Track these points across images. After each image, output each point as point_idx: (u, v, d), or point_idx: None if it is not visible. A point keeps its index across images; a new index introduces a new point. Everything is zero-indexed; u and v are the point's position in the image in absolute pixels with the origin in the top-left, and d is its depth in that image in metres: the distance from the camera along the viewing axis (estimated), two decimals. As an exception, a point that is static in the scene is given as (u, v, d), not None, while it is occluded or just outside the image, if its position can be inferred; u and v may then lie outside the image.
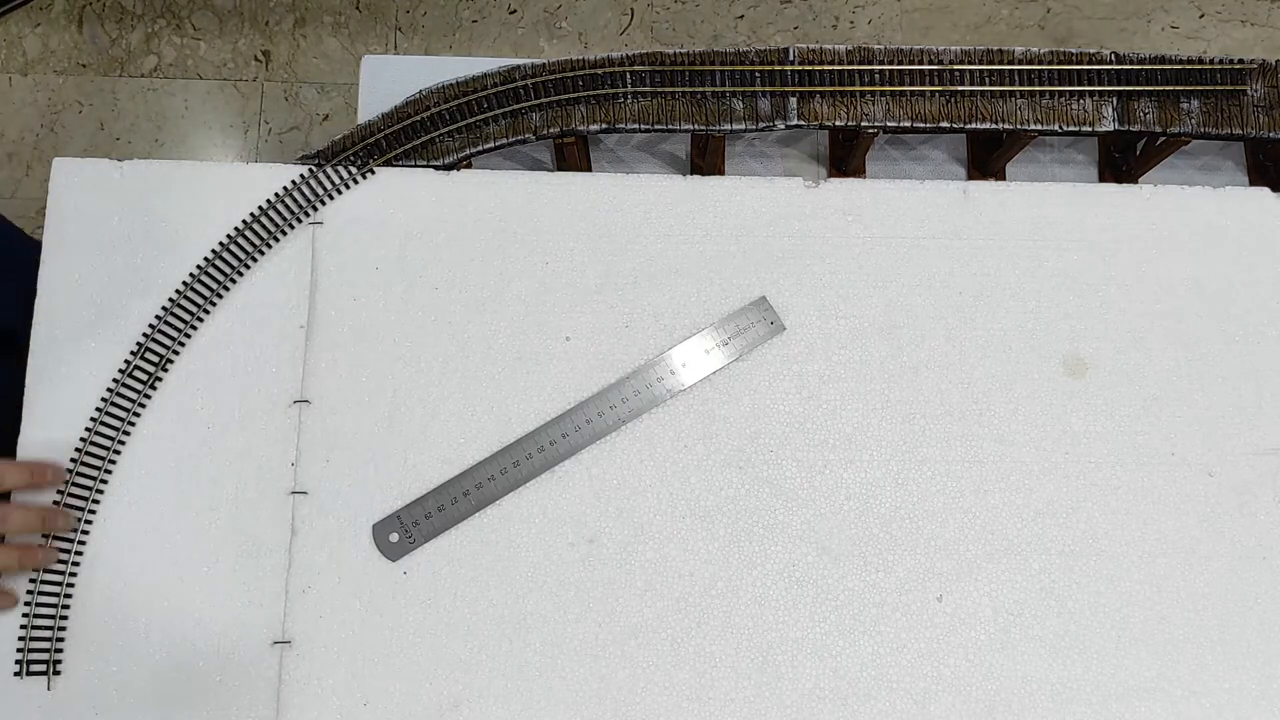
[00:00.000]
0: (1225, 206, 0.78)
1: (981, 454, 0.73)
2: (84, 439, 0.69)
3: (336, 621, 0.68)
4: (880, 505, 0.72)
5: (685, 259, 0.75)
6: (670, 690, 0.68)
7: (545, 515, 0.71)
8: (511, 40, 1.69)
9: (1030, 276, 0.76)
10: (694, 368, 0.73)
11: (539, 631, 0.69)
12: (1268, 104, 0.80)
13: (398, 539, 0.69)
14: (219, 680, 0.67)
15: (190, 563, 0.69)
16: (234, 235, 0.73)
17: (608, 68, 0.77)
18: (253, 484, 0.70)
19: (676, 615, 0.69)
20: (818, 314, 0.75)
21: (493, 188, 0.76)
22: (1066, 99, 0.79)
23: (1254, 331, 0.76)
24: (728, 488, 0.72)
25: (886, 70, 0.78)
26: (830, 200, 0.77)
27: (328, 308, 0.73)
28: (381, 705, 0.67)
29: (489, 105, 0.76)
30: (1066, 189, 0.79)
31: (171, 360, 0.71)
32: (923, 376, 0.74)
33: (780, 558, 0.71)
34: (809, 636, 0.69)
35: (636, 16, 1.70)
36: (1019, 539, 0.72)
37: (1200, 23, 1.72)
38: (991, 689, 0.69)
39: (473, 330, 0.73)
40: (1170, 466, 0.73)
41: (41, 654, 0.66)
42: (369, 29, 1.68)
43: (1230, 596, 0.71)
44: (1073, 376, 0.75)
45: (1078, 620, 0.70)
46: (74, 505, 0.69)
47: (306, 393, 0.72)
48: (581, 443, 0.71)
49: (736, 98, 0.78)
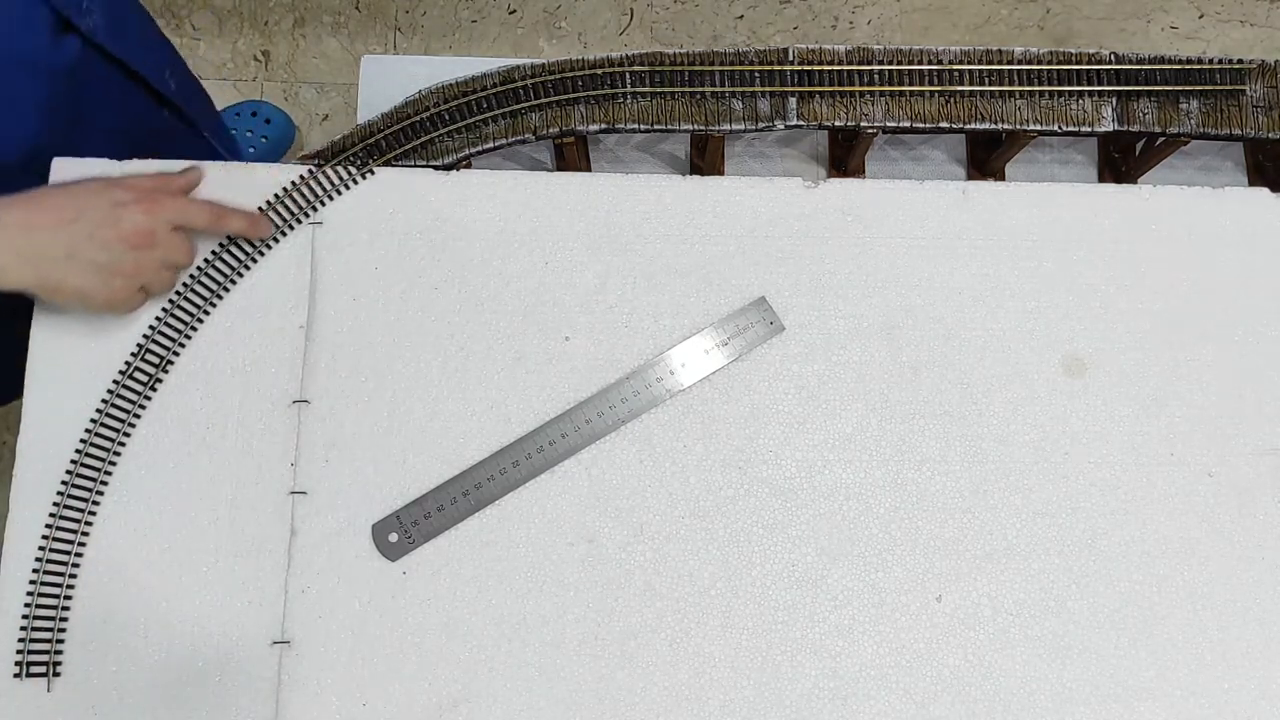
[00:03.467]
0: (1225, 207, 0.78)
1: (981, 454, 0.73)
2: (84, 439, 0.69)
3: (336, 621, 0.68)
4: (879, 505, 0.72)
5: (685, 259, 0.75)
6: (669, 690, 0.68)
7: (544, 515, 0.71)
8: (511, 40, 1.69)
9: (1029, 277, 0.76)
10: (693, 368, 0.73)
11: (538, 631, 0.69)
12: (1267, 104, 0.80)
13: (397, 539, 0.69)
14: (218, 680, 0.67)
15: (189, 562, 0.69)
16: (234, 237, 0.73)
17: (607, 68, 0.77)
18: (252, 484, 0.70)
19: (676, 615, 0.69)
20: (817, 314, 0.75)
21: (492, 188, 0.76)
22: (1066, 99, 0.79)
23: (1254, 331, 0.76)
24: (727, 488, 0.72)
25: (886, 70, 0.78)
26: (830, 200, 0.77)
27: (327, 308, 0.73)
28: (380, 705, 0.67)
29: (488, 105, 0.76)
30: (1066, 189, 0.79)
31: (172, 361, 0.71)
32: (922, 377, 0.74)
33: (779, 558, 0.71)
34: (808, 636, 0.69)
35: (636, 17, 1.70)
36: (1018, 539, 0.72)
37: (1200, 23, 1.72)
38: (990, 689, 0.69)
39: (472, 330, 0.73)
40: (1170, 467, 0.73)
41: (41, 655, 0.66)
42: (368, 29, 1.68)
43: (1230, 597, 0.71)
44: (1072, 377, 0.75)
45: (1077, 620, 0.70)
46: (75, 506, 0.68)
47: (306, 393, 0.72)
48: (581, 443, 0.71)
49: (736, 98, 0.78)
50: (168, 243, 0.68)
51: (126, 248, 0.66)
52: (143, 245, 0.66)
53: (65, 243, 0.64)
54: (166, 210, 0.67)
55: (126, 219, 0.65)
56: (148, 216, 0.66)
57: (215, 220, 0.70)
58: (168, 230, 0.67)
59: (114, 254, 0.65)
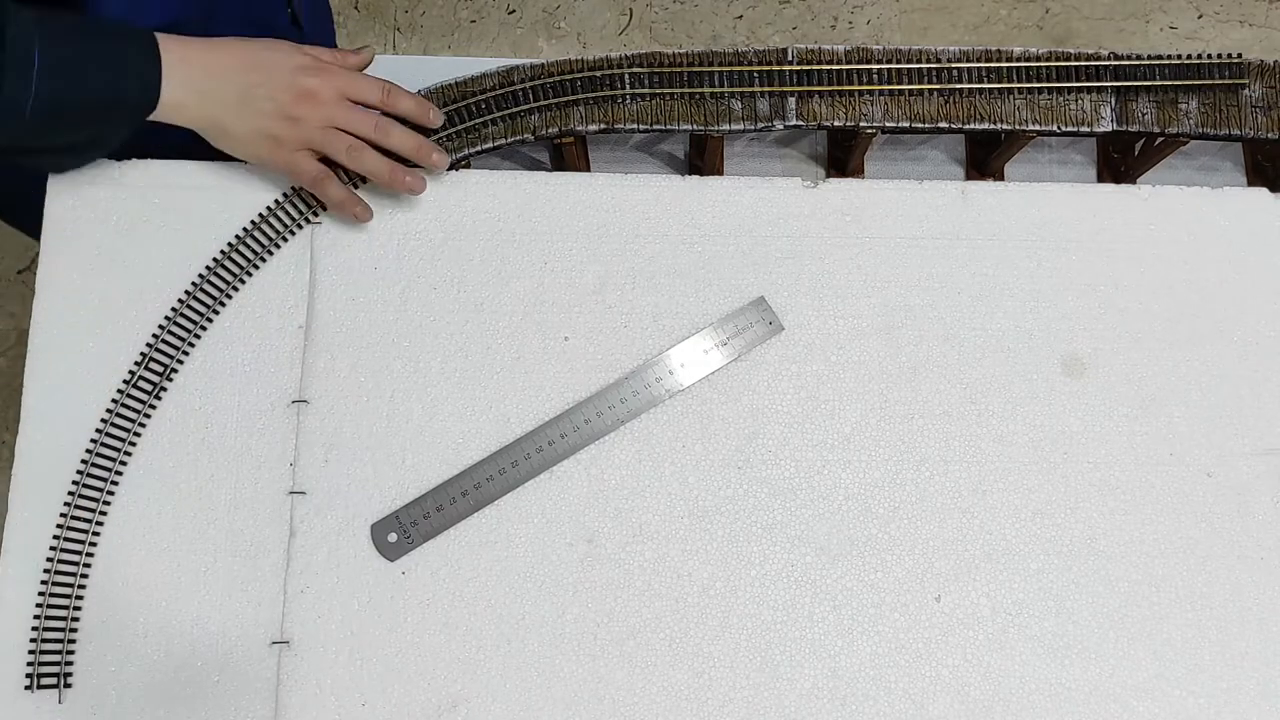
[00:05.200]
0: (1224, 207, 0.78)
1: (980, 454, 0.73)
2: (90, 448, 0.69)
3: (335, 621, 0.68)
4: (879, 505, 0.72)
5: (684, 259, 0.76)
6: (668, 690, 0.68)
7: (544, 515, 0.71)
8: (510, 40, 1.69)
9: (1029, 277, 0.76)
10: (692, 368, 0.73)
11: (537, 631, 0.69)
12: (1266, 104, 0.80)
13: (396, 539, 0.69)
14: (217, 680, 0.67)
15: (188, 563, 0.68)
16: (234, 243, 0.73)
17: (606, 68, 0.77)
18: (251, 484, 0.70)
19: (675, 615, 0.69)
20: (816, 314, 0.75)
21: (491, 188, 0.76)
22: (1065, 99, 0.79)
23: (1252, 331, 0.76)
24: (726, 488, 0.72)
25: (885, 70, 0.78)
26: (829, 200, 0.77)
27: (326, 308, 0.73)
28: (380, 705, 0.67)
29: (487, 106, 0.76)
30: (1065, 189, 0.79)
31: (176, 370, 0.71)
32: (921, 377, 0.74)
33: (779, 558, 0.71)
34: (807, 636, 0.69)
35: (635, 17, 1.70)
36: (1017, 539, 0.72)
37: (1199, 23, 1.72)
38: (990, 689, 0.69)
39: (471, 330, 0.73)
40: (1169, 467, 0.73)
41: (52, 667, 0.66)
42: (367, 29, 1.68)
43: (1228, 597, 0.71)
44: (1071, 377, 0.75)
45: (1076, 620, 0.70)
46: (81, 516, 0.68)
47: (305, 393, 0.72)
48: (580, 443, 0.71)
49: (735, 98, 0.78)
50: (334, 105, 0.70)
51: (294, 102, 0.69)
52: (309, 103, 0.69)
53: (241, 89, 0.68)
54: (338, 79, 0.71)
55: (300, 79, 0.69)
56: (320, 79, 0.70)
57: (385, 96, 0.72)
58: (336, 95, 0.70)
59: (282, 106, 0.69)
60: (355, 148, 0.71)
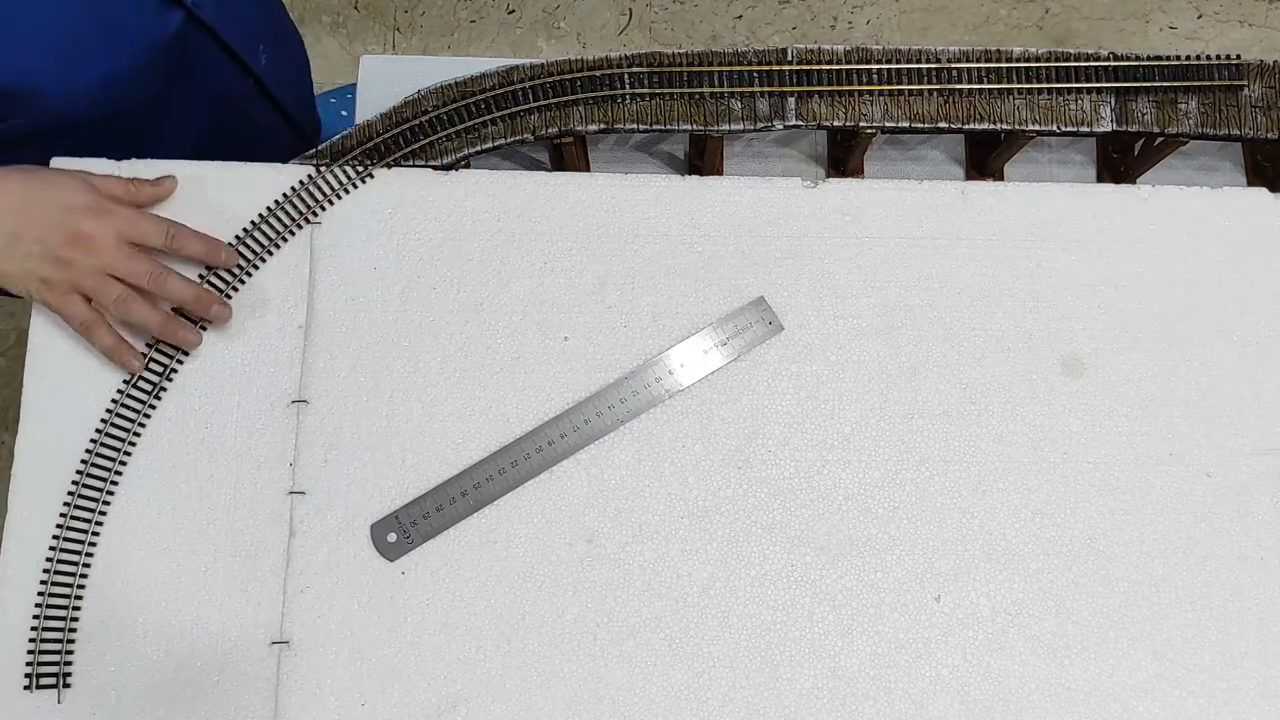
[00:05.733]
0: (1223, 207, 0.78)
1: (980, 454, 0.73)
2: (90, 449, 0.69)
3: (335, 622, 0.68)
4: (878, 505, 0.72)
5: (683, 259, 0.76)
6: (668, 690, 0.68)
7: (543, 515, 0.71)
8: (510, 40, 1.69)
9: (1028, 277, 0.76)
10: (692, 368, 0.73)
11: (537, 631, 0.69)
12: (1265, 104, 0.80)
13: (396, 539, 0.69)
14: (217, 680, 0.67)
15: (188, 563, 0.68)
16: (234, 243, 0.73)
17: (606, 68, 0.77)
18: (251, 484, 0.70)
19: (674, 615, 0.69)
20: (816, 314, 0.75)
21: (491, 188, 0.76)
22: (1065, 99, 0.79)
23: (1252, 331, 0.76)
24: (726, 488, 0.72)
25: (885, 70, 0.78)
26: (828, 200, 0.77)
27: (326, 308, 0.73)
28: (379, 705, 0.67)
29: (487, 106, 0.76)
30: (1065, 189, 0.79)
31: (175, 370, 0.71)
32: (921, 377, 0.74)
33: (778, 558, 0.71)
34: (807, 636, 0.69)
35: (635, 17, 1.70)
36: (1017, 539, 0.72)
37: (1198, 23, 1.72)
38: (989, 689, 0.69)
39: (471, 330, 0.73)
40: (1169, 467, 0.73)
41: (51, 667, 0.66)
42: (367, 29, 1.68)
43: (1228, 597, 0.71)
44: (1071, 377, 0.75)
45: (1076, 620, 0.70)
46: (81, 516, 0.68)
47: (305, 393, 0.72)
48: (580, 443, 0.71)
49: (735, 98, 0.78)
50: (110, 252, 0.67)
51: (65, 245, 0.66)
52: (82, 247, 0.66)
53: (10, 230, 0.65)
54: (118, 221, 0.67)
55: (75, 221, 0.66)
56: (97, 222, 0.67)
57: (168, 241, 0.69)
58: (114, 239, 0.67)
59: (51, 248, 0.66)
60: (124, 298, 0.67)
